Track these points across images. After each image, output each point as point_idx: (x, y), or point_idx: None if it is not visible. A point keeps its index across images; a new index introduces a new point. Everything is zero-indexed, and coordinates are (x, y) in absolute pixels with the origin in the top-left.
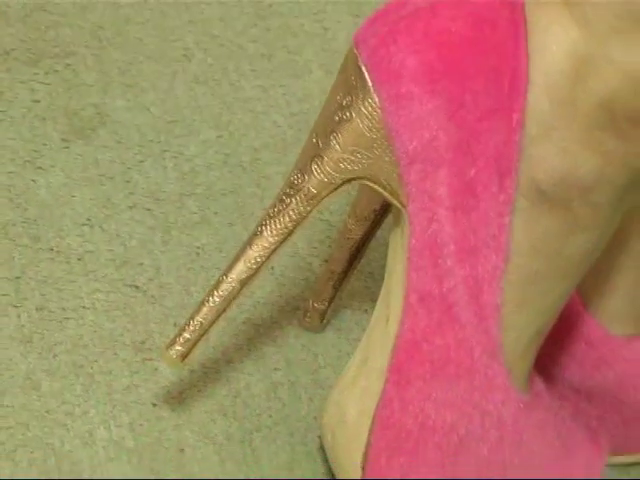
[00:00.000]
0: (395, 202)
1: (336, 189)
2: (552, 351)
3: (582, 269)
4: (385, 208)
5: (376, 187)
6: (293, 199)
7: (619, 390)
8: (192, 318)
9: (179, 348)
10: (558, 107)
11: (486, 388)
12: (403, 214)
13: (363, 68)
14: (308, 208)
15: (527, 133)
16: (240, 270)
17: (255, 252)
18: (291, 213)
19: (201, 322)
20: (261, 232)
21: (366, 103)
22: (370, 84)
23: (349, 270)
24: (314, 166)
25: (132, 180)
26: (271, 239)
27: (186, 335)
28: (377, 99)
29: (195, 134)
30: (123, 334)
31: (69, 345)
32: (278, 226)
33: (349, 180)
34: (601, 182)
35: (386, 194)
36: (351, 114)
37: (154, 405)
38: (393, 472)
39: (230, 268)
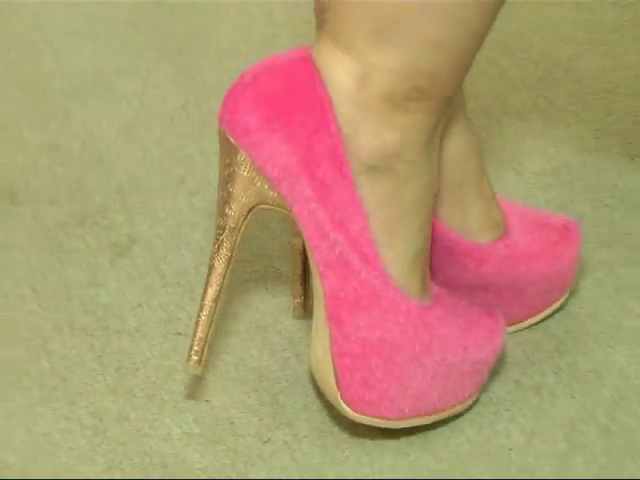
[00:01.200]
0: (285, 212)
1: (246, 218)
2: (444, 270)
3: (427, 203)
4: None
5: (269, 207)
6: (223, 236)
7: (502, 277)
8: (194, 335)
9: (195, 358)
10: (357, 111)
11: (392, 306)
12: (293, 218)
13: (228, 136)
14: (234, 238)
15: (344, 134)
16: (210, 293)
17: (214, 278)
18: (226, 244)
19: (200, 336)
20: (213, 264)
21: (238, 157)
22: (235, 144)
23: (306, 270)
24: (226, 209)
25: (162, 270)
26: (220, 267)
27: (195, 348)
28: (243, 151)
29: (198, 226)
30: (177, 365)
31: (143, 385)
32: (221, 256)
33: (251, 209)
34: (406, 145)
35: (277, 208)
36: (233, 168)
37: (207, 401)
38: (356, 383)
39: (204, 294)
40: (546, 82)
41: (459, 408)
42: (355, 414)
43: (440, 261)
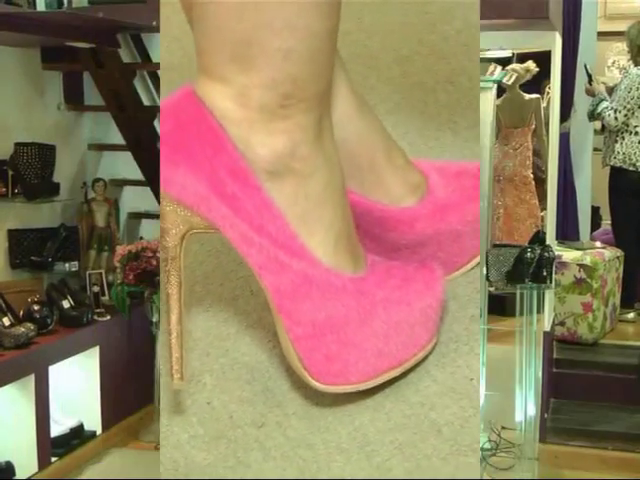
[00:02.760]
0: (213, 231)
1: (182, 245)
2: (383, 238)
3: (335, 191)
4: None
5: (200, 230)
6: (168, 265)
7: (436, 229)
8: (171, 357)
9: (177, 376)
10: (243, 128)
11: (328, 286)
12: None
13: None
14: (177, 264)
15: (240, 149)
16: (174, 318)
17: (173, 303)
18: (172, 272)
19: (177, 356)
20: (168, 292)
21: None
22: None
23: None
24: (164, 242)
25: None
26: (175, 293)
27: (175, 367)
28: (160, 190)
29: (204, 262)
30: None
31: None
32: (173, 284)
33: (183, 236)
34: (296, 145)
35: (207, 230)
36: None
37: (208, 403)
38: (318, 361)
39: (169, 320)
40: (470, 46)
41: (421, 355)
42: (326, 387)
43: (377, 232)
